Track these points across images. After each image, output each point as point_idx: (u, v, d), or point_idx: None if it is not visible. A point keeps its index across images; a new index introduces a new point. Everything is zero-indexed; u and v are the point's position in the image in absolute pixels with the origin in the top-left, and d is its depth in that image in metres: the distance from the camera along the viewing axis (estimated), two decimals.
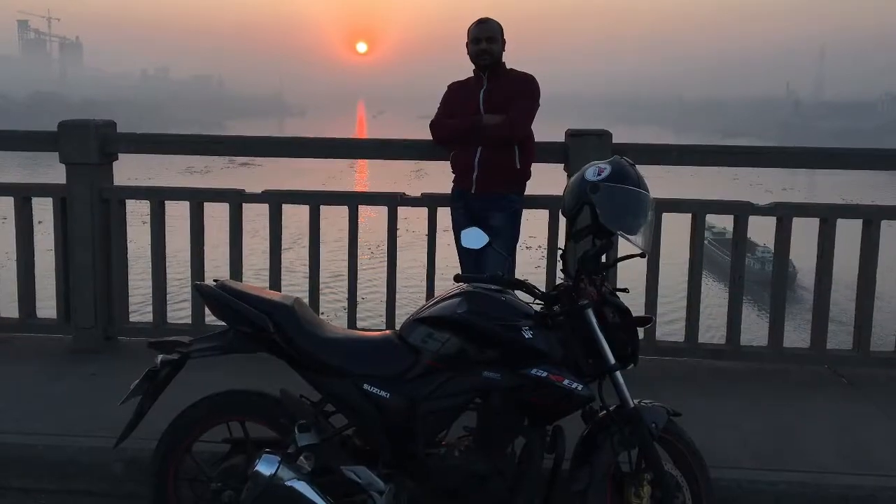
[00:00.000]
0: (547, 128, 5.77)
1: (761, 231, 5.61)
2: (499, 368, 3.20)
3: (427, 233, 5.67)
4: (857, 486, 3.95)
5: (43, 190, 5.95)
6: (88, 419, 4.45)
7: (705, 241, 5.84)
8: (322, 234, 5.81)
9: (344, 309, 5.89)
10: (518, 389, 3.20)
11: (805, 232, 5.66)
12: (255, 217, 5.96)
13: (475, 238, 3.48)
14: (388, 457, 3.29)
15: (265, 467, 3.17)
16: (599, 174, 3.30)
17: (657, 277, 5.56)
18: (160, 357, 3.35)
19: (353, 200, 5.78)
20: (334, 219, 5.78)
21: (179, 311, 6.90)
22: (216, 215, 5.88)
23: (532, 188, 5.36)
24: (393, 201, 5.68)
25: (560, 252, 3.58)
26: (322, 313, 4.28)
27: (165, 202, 5.85)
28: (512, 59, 5.34)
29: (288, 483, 3.16)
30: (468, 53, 5.27)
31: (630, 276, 4.51)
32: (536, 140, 5.30)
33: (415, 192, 5.79)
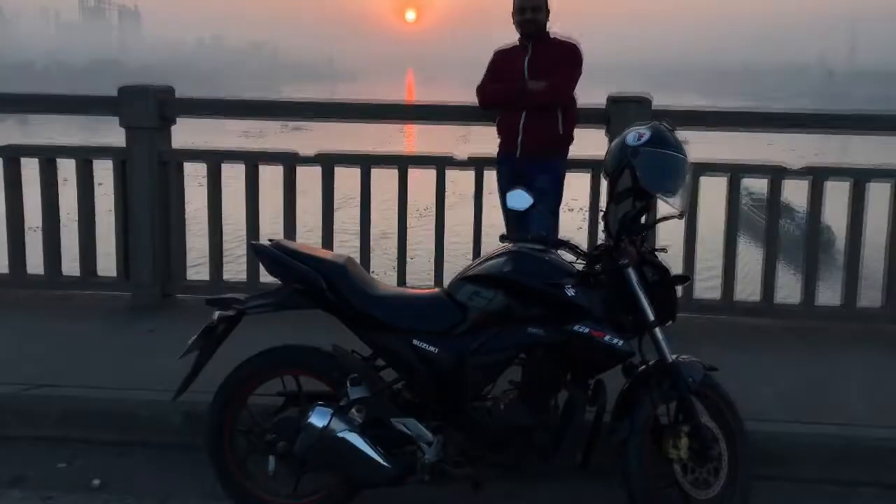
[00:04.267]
0: (589, 93, 5.78)
1: (802, 196, 5.65)
2: (543, 325, 3.27)
3: (474, 194, 5.73)
4: (889, 439, 3.99)
5: (103, 152, 6.06)
6: (148, 373, 4.53)
7: (745, 206, 5.91)
8: (371, 195, 5.89)
9: (394, 268, 5.98)
10: (561, 345, 3.27)
11: (843, 198, 5.67)
12: (306, 178, 6.04)
13: (520, 200, 3.54)
14: (436, 410, 3.38)
15: (318, 419, 3.27)
16: (639, 138, 3.37)
17: (695, 237, 5.61)
18: (217, 313, 3.43)
19: (402, 163, 5.85)
20: (381, 180, 5.85)
21: (235, 269, 7.05)
22: (270, 177, 5.97)
23: (574, 151, 5.41)
24: (441, 164, 5.75)
25: (601, 213, 3.65)
26: (373, 271, 4.37)
27: (222, 164, 5.96)
28: (555, 26, 5.37)
29: (340, 434, 3.26)
30: (513, 22, 5.32)
31: (669, 236, 4.55)
32: (579, 105, 5.36)
33: (462, 154, 5.85)
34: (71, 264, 6.07)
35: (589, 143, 5.72)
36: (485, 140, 5.86)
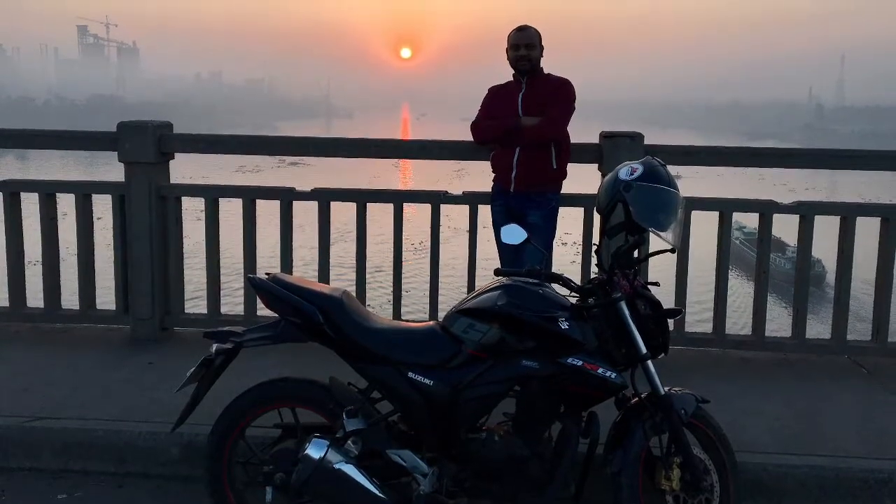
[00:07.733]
0: (582, 130, 5.88)
1: (793, 232, 5.74)
2: (537, 357, 3.30)
3: (468, 229, 5.78)
4: (877, 470, 4.02)
5: (102, 187, 6.10)
6: (146, 405, 4.58)
7: (738, 241, 5.99)
8: (367, 229, 5.93)
9: (389, 301, 6.01)
10: (555, 377, 3.31)
11: (833, 233, 5.76)
12: (301, 212, 6.08)
13: (514, 234, 3.61)
14: (431, 441, 3.41)
15: (315, 451, 3.28)
16: (632, 174, 3.42)
17: (686, 272, 5.69)
18: (215, 346, 3.47)
19: (398, 198, 5.90)
20: (374, 215, 5.91)
21: (233, 302, 7.09)
22: (265, 211, 6.01)
23: (568, 187, 5.49)
24: (436, 199, 5.81)
25: (594, 247, 3.70)
26: (368, 305, 4.42)
27: (219, 199, 6.00)
28: (548, 63, 5.46)
29: (336, 466, 3.27)
30: (508, 59, 5.40)
31: (661, 270, 4.61)
32: (572, 141, 5.43)
33: (457, 190, 5.91)
34: (70, 298, 6.10)
35: (582, 178, 5.79)
36: (480, 175, 5.93)
